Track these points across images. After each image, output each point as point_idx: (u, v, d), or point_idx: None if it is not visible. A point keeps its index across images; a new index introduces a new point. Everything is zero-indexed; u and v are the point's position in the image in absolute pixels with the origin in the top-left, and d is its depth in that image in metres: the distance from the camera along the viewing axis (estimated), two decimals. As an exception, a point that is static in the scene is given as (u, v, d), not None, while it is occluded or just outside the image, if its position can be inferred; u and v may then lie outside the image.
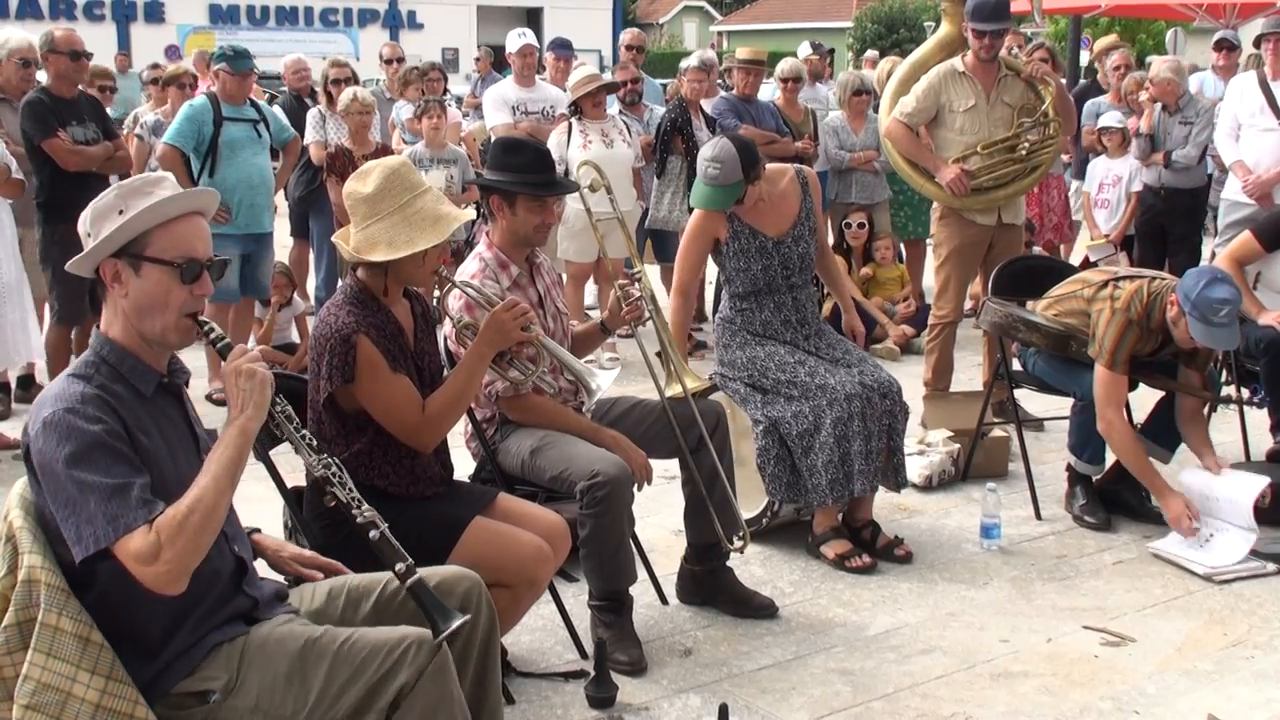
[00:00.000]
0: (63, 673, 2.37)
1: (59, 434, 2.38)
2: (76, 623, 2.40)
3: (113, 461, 2.38)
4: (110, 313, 2.59)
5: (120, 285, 2.55)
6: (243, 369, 2.53)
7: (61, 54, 6.54)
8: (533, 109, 8.26)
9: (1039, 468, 5.61)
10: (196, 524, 2.36)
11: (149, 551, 2.33)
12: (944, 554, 4.88)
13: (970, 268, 6.34)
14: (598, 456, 3.76)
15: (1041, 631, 4.20)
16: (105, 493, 2.34)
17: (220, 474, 2.43)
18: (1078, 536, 5.07)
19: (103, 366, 2.54)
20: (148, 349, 2.58)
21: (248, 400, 2.52)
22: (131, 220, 2.51)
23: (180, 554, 2.35)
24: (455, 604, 2.77)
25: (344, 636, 2.56)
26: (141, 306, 2.54)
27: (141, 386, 2.56)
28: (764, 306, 4.78)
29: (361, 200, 3.36)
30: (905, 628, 4.23)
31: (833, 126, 8.90)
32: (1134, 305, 4.78)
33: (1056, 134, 6.15)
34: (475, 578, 2.87)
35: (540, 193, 3.93)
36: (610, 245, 5.31)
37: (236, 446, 2.48)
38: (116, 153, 6.67)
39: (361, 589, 2.82)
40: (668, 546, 4.80)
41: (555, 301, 4.10)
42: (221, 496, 2.42)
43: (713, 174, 4.55)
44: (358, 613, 2.78)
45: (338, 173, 7.70)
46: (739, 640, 4.13)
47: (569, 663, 3.94)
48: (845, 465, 4.55)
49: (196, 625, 2.54)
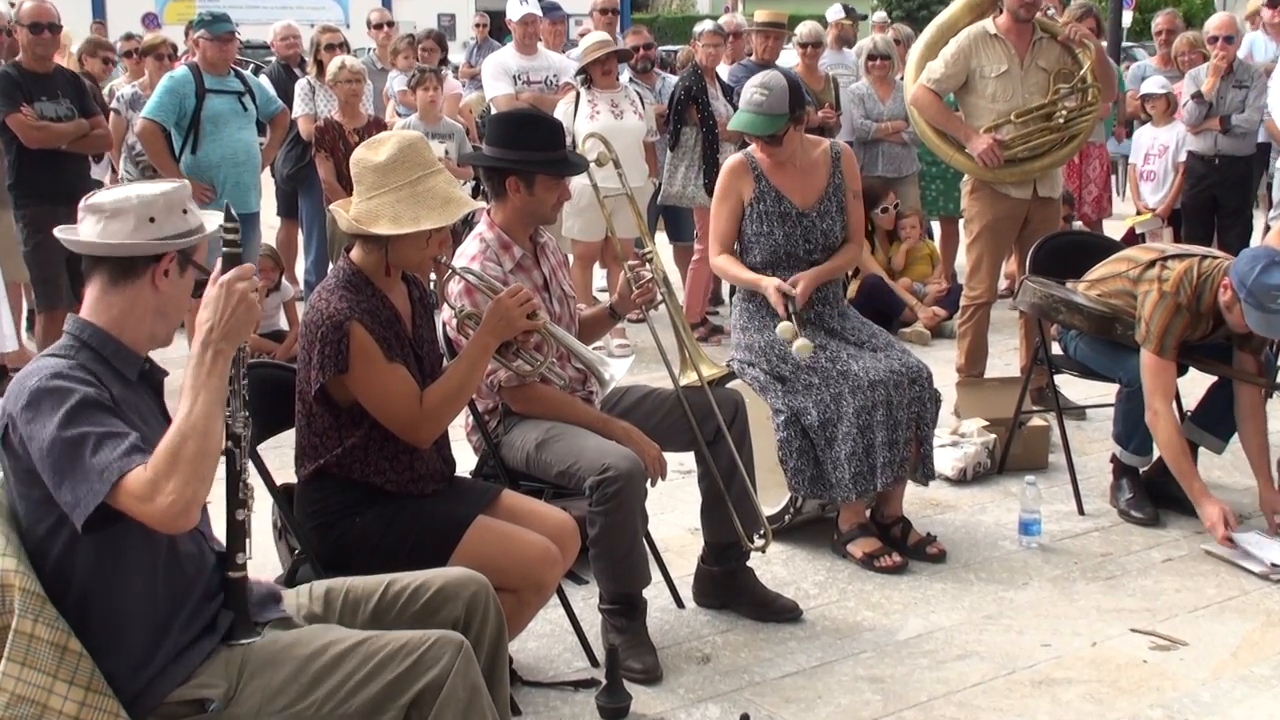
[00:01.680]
0: (39, 683, 2.37)
1: (51, 400, 2.40)
2: (53, 630, 2.40)
3: (105, 415, 2.40)
4: (106, 299, 2.59)
5: (165, 280, 2.61)
6: (245, 294, 2.48)
7: (23, 26, 6.56)
8: (535, 79, 8.24)
9: (1081, 459, 5.59)
10: (193, 450, 2.34)
11: (148, 489, 2.32)
12: (980, 552, 4.86)
13: (1004, 245, 6.32)
14: (608, 450, 3.75)
15: (1086, 635, 4.19)
16: (95, 442, 2.35)
17: (208, 400, 2.40)
18: (1124, 533, 5.05)
19: (82, 350, 2.55)
20: (134, 338, 2.60)
21: (233, 327, 2.46)
22: (196, 224, 2.62)
23: (184, 483, 2.32)
24: (460, 606, 2.78)
25: (359, 638, 2.59)
26: (168, 306, 2.62)
27: (125, 370, 2.59)
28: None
29: (370, 169, 3.35)
30: (939, 631, 4.22)
31: (858, 94, 8.87)
32: (1183, 288, 4.75)
33: (1096, 100, 6.11)
34: (483, 581, 2.88)
35: (561, 172, 3.92)
36: (619, 223, 5.28)
37: (218, 373, 2.44)
38: (93, 130, 6.66)
39: (361, 591, 2.84)
40: (683, 546, 4.80)
41: (561, 284, 4.09)
42: (214, 422, 2.39)
43: (758, 99, 4.63)
44: (357, 616, 2.79)
45: (327, 147, 7.70)
46: (760, 646, 4.13)
47: (579, 671, 3.94)
48: (869, 458, 4.54)
49: (185, 627, 2.54)
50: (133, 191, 2.60)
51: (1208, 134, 8.12)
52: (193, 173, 7.04)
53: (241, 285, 2.48)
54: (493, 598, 2.87)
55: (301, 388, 3.38)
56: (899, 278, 8.63)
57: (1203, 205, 8.25)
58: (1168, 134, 8.50)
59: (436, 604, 2.82)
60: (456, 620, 2.81)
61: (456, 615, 2.82)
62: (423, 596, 2.82)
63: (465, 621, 2.82)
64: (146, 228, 2.57)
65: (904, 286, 8.55)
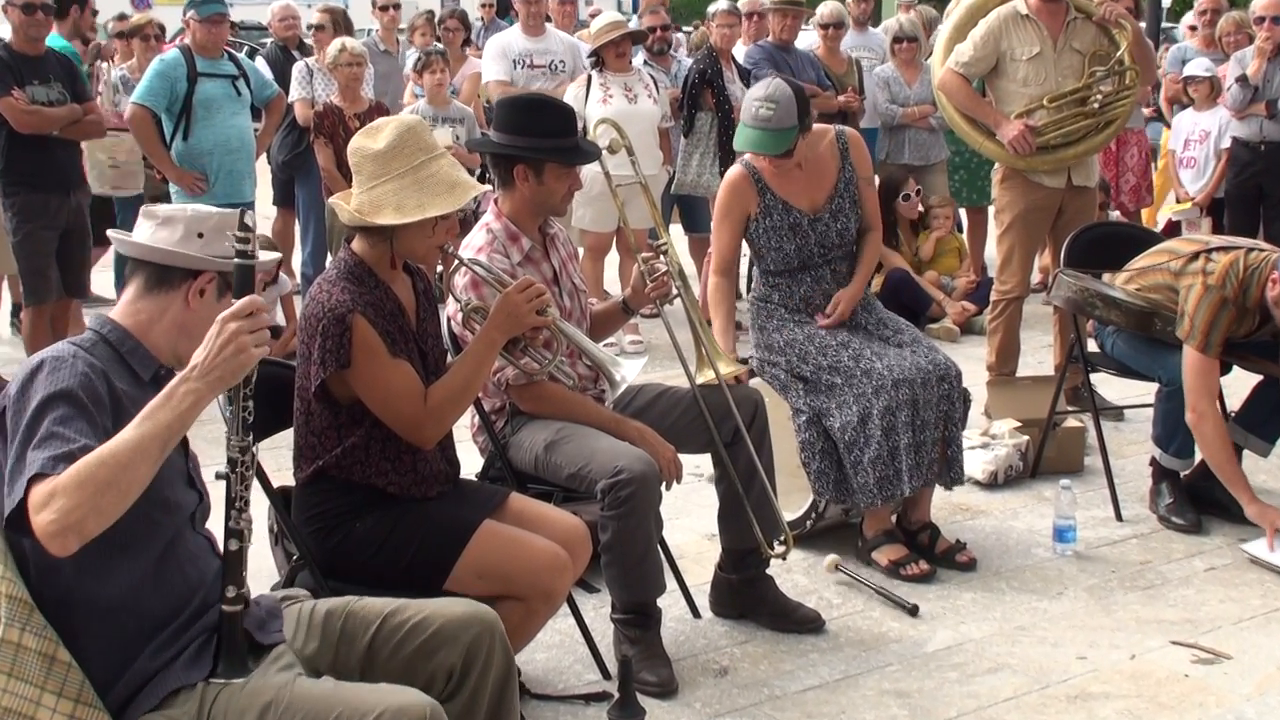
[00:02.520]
0: (26, 695, 2.36)
1: (48, 374, 2.43)
2: (41, 639, 2.39)
3: (75, 413, 2.40)
4: (136, 304, 2.65)
5: (199, 301, 2.64)
6: (238, 336, 2.38)
7: (15, 6, 6.56)
8: (539, 61, 8.21)
9: (1119, 462, 5.58)
10: (101, 479, 2.27)
11: (42, 499, 2.28)
12: (1012, 560, 4.85)
13: (1037, 236, 6.29)
14: (621, 451, 3.74)
15: (1124, 647, 4.17)
16: (42, 437, 2.35)
17: (149, 435, 2.32)
18: (1164, 540, 5.04)
19: (100, 345, 2.59)
20: (156, 347, 2.64)
21: (217, 370, 2.38)
22: (251, 254, 2.57)
23: (74, 506, 2.25)
24: (458, 652, 2.74)
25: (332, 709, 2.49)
26: (197, 327, 2.57)
27: (140, 370, 2.61)
28: (801, 282, 4.76)
29: (369, 157, 3.34)
30: (969, 643, 4.21)
31: (883, 78, 8.85)
32: (1229, 281, 4.71)
33: (1133, 84, 6.09)
34: (488, 621, 2.82)
35: (573, 160, 3.92)
36: (632, 213, 5.27)
37: (179, 414, 2.34)
38: (86, 116, 6.66)
39: (361, 618, 2.79)
40: (700, 553, 4.79)
41: (571, 277, 4.08)
42: (141, 460, 2.30)
43: (765, 115, 4.51)
44: (354, 648, 2.76)
45: (326, 133, 7.71)
46: (781, 658, 4.12)
47: (590, 684, 3.93)
48: (895, 461, 4.53)
49: (170, 642, 2.52)
50: (190, 205, 2.68)
51: (1253, 119, 8.06)
52: (184, 160, 7.05)
53: (235, 326, 2.38)
54: (499, 639, 2.81)
55: (301, 384, 3.37)
56: (925, 271, 8.60)
57: (1248, 194, 8.19)
58: (1210, 119, 8.45)
59: (434, 645, 2.75)
60: (452, 667, 2.76)
61: (453, 662, 2.76)
62: (421, 634, 2.76)
63: (463, 668, 2.76)
64: (193, 241, 2.63)
65: (931, 280, 8.52)
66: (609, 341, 7.35)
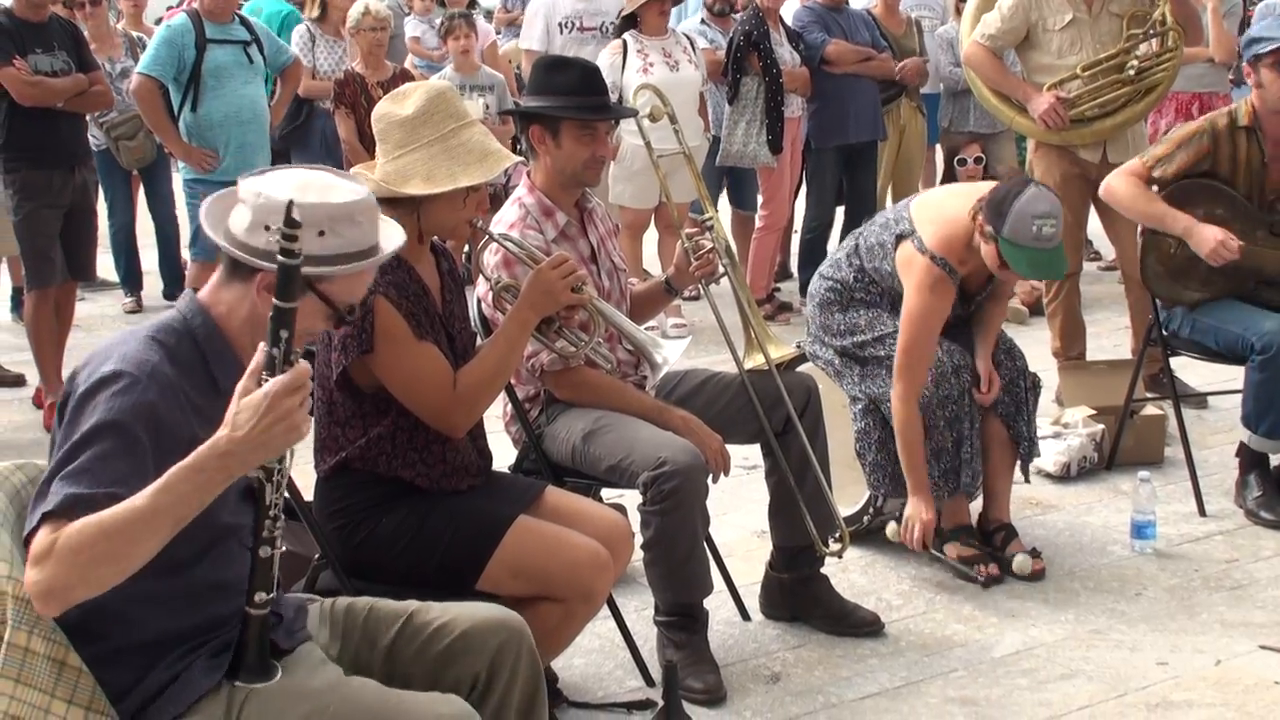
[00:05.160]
0: (35, 702, 2.39)
1: (117, 392, 2.38)
2: (50, 643, 2.42)
3: (116, 454, 2.35)
4: (220, 289, 2.60)
5: (269, 296, 2.48)
6: (290, 413, 2.29)
7: None
8: (589, 24, 8.20)
9: (1202, 453, 5.56)
10: (100, 552, 2.25)
11: (40, 551, 2.27)
12: (1086, 559, 4.84)
13: (1079, 207, 6.24)
14: (664, 442, 3.76)
15: (1208, 652, 4.16)
16: (78, 469, 2.33)
17: (164, 510, 2.26)
18: (1252, 536, 5.02)
19: (186, 340, 2.55)
20: (244, 346, 2.56)
21: (266, 451, 2.30)
22: (331, 259, 2.52)
23: (62, 574, 2.25)
24: (484, 659, 2.75)
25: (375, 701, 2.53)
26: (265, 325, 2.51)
27: (220, 377, 2.55)
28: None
29: (397, 124, 3.37)
30: (1040, 648, 4.21)
31: (946, 39, 8.82)
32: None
33: (1176, 46, 6.04)
34: (516, 628, 2.83)
35: (587, 116, 3.91)
36: (674, 186, 5.29)
37: (203, 490, 2.28)
38: (92, 87, 6.69)
39: (382, 616, 2.82)
40: (749, 550, 4.81)
41: (611, 255, 4.10)
42: (149, 535, 2.26)
43: (1049, 233, 4.32)
44: (375, 646, 2.78)
45: (348, 103, 7.75)
46: (837, 664, 4.13)
47: (632, 691, 3.95)
48: (959, 451, 4.54)
49: (195, 647, 2.55)
50: (263, 188, 2.53)
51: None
52: (193, 133, 7.09)
53: (288, 403, 2.28)
54: (527, 648, 2.81)
55: (321, 373, 3.40)
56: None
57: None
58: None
59: (457, 650, 2.77)
60: (476, 676, 2.77)
61: (477, 670, 2.77)
62: (445, 638, 2.77)
63: (487, 678, 2.77)
64: (260, 233, 2.52)
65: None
66: (650, 325, 7.36)
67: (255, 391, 2.29)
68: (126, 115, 8.15)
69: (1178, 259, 5.17)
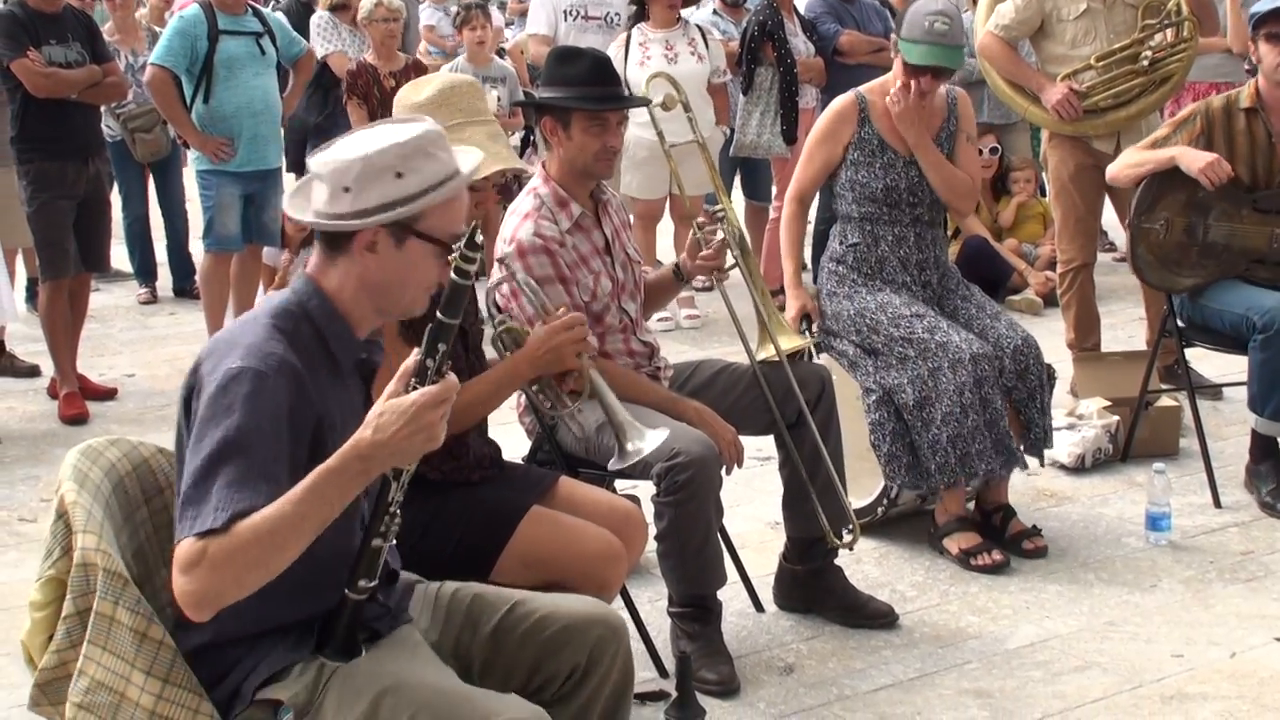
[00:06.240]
0: (118, 670, 2.43)
1: (248, 395, 2.38)
2: (134, 615, 2.46)
3: (263, 460, 2.37)
4: (325, 266, 2.59)
5: (373, 255, 2.54)
6: (433, 427, 2.35)
7: None
8: (594, 13, 8.19)
9: (1218, 444, 5.55)
10: (251, 559, 2.29)
11: (190, 558, 2.30)
12: (1101, 550, 4.84)
13: (1094, 198, 6.23)
14: (678, 433, 3.76)
15: (1224, 644, 4.17)
16: (234, 477, 2.34)
17: (310, 514, 2.32)
18: (1267, 528, 5.01)
19: (305, 323, 2.55)
20: (356, 315, 2.59)
21: (403, 457, 2.37)
22: (417, 194, 2.51)
23: (216, 581, 2.29)
24: (583, 652, 2.77)
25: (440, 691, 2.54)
26: (392, 281, 2.57)
27: (341, 357, 2.58)
28: (881, 240, 4.79)
29: (406, 109, 3.41)
30: (1054, 640, 4.21)
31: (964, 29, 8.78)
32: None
33: (1191, 36, 6.01)
34: (613, 624, 2.84)
35: (595, 107, 3.91)
36: (687, 176, 5.28)
37: (345, 492, 2.34)
38: (106, 78, 6.70)
39: (486, 602, 2.84)
40: (763, 542, 4.82)
41: (625, 247, 4.11)
42: (296, 539, 2.32)
43: (942, 29, 4.65)
44: (478, 631, 2.80)
45: (360, 93, 7.74)
46: (850, 655, 4.14)
47: (645, 682, 3.95)
48: (975, 440, 4.54)
49: (287, 629, 2.56)
50: (331, 156, 2.54)
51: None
52: (205, 124, 7.09)
53: (433, 415, 2.34)
54: (624, 646, 2.83)
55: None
56: (1006, 238, 8.56)
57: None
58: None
59: (560, 642, 2.78)
60: (576, 666, 2.78)
61: (578, 661, 2.78)
62: (548, 629, 2.78)
63: (586, 668, 2.78)
64: (341, 198, 2.51)
65: (1012, 249, 8.48)
66: (663, 315, 7.39)
67: (403, 398, 2.34)
68: (145, 108, 8.16)
69: (1166, 246, 5.19)
